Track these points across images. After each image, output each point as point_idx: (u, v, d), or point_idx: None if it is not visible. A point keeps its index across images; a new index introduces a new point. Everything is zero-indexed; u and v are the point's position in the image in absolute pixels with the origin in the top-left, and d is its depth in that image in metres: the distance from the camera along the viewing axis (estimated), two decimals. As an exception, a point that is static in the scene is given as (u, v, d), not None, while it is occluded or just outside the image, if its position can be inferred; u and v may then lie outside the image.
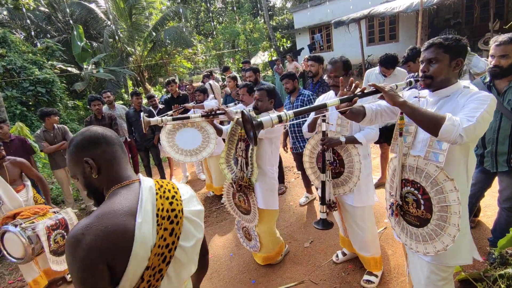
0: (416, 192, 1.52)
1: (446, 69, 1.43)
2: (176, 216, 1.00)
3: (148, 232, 0.92)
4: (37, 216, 2.75)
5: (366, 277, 2.40)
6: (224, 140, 3.11)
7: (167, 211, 0.99)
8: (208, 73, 7.28)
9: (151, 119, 2.59)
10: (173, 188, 1.07)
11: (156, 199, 0.99)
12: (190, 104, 4.44)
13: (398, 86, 1.55)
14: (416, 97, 1.60)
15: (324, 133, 2.16)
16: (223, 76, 7.02)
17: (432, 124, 1.30)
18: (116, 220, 0.88)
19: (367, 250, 2.36)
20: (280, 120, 1.24)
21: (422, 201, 1.50)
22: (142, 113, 2.69)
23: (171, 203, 1.01)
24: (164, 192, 1.03)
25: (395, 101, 1.38)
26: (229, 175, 2.68)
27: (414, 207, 1.54)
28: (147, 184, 1.01)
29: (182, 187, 1.12)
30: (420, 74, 1.50)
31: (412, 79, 1.59)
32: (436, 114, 1.31)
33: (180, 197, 1.06)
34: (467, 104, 1.36)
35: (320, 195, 2.27)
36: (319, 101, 2.45)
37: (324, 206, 2.20)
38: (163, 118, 2.57)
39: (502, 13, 9.55)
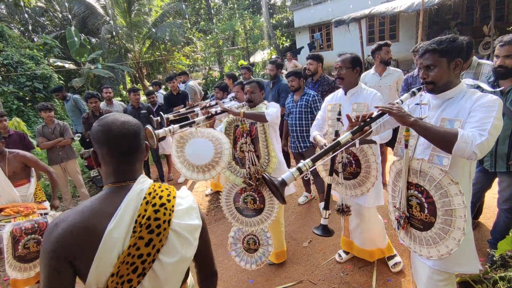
0: (419, 195, 1.50)
1: (446, 72, 1.41)
2: (158, 226, 0.91)
3: (119, 238, 0.86)
4: (19, 216, 2.65)
5: (390, 262, 2.46)
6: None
7: (149, 218, 0.91)
8: (176, 74, 6.01)
9: (159, 131, 2.23)
10: (168, 195, 0.98)
11: (141, 204, 0.92)
12: (205, 102, 4.26)
13: (403, 100, 1.56)
14: (417, 104, 1.57)
15: (337, 132, 2.12)
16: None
17: (444, 143, 1.29)
18: (88, 219, 0.85)
19: (371, 244, 2.40)
20: (300, 172, 1.24)
21: (426, 205, 1.48)
22: (147, 126, 2.17)
23: (156, 211, 0.92)
24: (154, 198, 0.95)
25: (406, 122, 1.36)
26: (233, 176, 2.58)
27: (417, 210, 1.52)
28: (139, 187, 0.95)
29: (184, 197, 1.04)
30: (421, 80, 1.48)
31: (415, 90, 1.56)
32: (448, 132, 1.29)
33: (173, 206, 0.96)
34: (474, 112, 1.34)
35: (325, 198, 2.18)
36: (327, 101, 2.42)
37: (327, 211, 2.10)
38: (170, 128, 2.28)
39: (503, 14, 9.55)
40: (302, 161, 1.26)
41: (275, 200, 2.47)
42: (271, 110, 2.41)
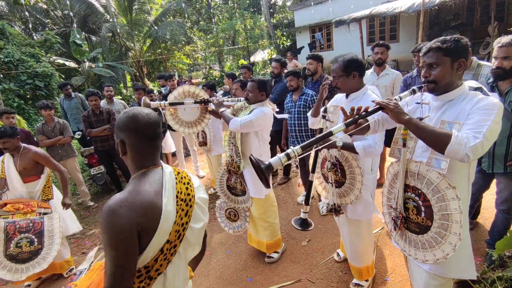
0: (416, 198, 1.48)
1: (449, 72, 1.38)
2: (190, 200, 1.13)
3: (171, 210, 1.05)
4: (18, 213, 2.65)
5: (355, 281, 2.35)
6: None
7: (184, 194, 1.12)
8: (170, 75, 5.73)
9: (151, 102, 2.81)
10: (187, 176, 1.20)
11: (176, 183, 1.12)
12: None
13: (402, 97, 1.54)
14: (418, 103, 1.54)
15: (321, 130, 2.08)
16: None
17: (437, 143, 1.28)
18: (147, 197, 1.01)
19: (358, 261, 2.29)
20: (288, 158, 1.22)
21: (422, 208, 1.46)
22: (144, 97, 2.86)
23: (186, 188, 1.14)
24: (182, 178, 1.16)
25: (400, 119, 1.37)
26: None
27: (414, 213, 1.50)
28: (168, 170, 1.13)
29: (192, 177, 1.25)
30: (422, 79, 1.46)
31: (415, 88, 1.54)
32: (441, 133, 1.28)
33: (193, 184, 1.19)
34: (473, 114, 1.31)
35: (306, 196, 2.24)
36: (335, 100, 2.24)
37: (307, 206, 2.15)
38: (161, 102, 2.84)
39: (503, 16, 9.56)
40: (291, 147, 1.26)
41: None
42: (239, 118, 2.44)
